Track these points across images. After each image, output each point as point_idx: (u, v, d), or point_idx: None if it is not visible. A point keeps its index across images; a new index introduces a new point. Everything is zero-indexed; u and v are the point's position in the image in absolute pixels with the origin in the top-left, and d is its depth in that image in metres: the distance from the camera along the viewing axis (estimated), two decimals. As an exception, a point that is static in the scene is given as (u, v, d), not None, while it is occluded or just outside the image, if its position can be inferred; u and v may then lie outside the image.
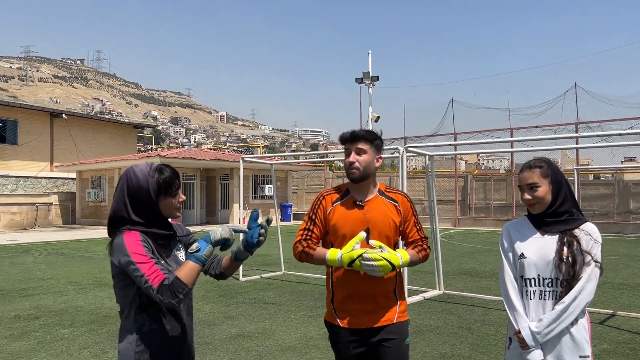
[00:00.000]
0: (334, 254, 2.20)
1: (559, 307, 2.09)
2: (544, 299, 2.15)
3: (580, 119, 21.07)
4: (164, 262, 1.89)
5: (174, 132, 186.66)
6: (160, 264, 1.84)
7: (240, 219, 9.74)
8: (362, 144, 2.32)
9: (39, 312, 6.42)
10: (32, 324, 5.85)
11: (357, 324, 2.27)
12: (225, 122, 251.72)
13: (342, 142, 2.38)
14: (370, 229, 2.26)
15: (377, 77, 17.63)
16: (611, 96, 21.49)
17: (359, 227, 2.25)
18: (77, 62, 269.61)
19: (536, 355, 2.10)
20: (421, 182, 26.00)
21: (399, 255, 2.18)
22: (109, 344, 4.99)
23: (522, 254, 2.19)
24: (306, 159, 31.72)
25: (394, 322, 2.29)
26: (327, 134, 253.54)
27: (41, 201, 23.96)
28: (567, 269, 2.11)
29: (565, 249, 2.12)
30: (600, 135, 8.41)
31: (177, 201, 1.97)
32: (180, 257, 1.99)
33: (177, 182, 1.97)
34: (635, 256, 12.32)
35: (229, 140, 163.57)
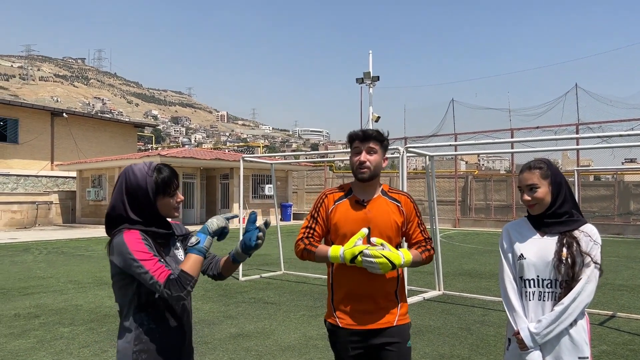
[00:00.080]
0: (336, 250, 2.20)
1: (558, 308, 2.09)
2: (543, 300, 2.15)
3: (580, 120, 21.06)
4: (164, 260, 1.90)
5: (175, 131, 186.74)
6: (163, 260, 1.84)
7: (240, 219, 9.76)
8: (373, 144, 2.31)
9: (39, 311, 6.42)
10: (32, 322, 5.86)
11: (357, 325, 2.26)
12: (225, 121, 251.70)
13: (352, 140, 2.36)
14: (371, 229, 2.25)
15: (378, 77, 17.61)
16: (612, 97, 21.48)
17: (360, 227, 2.24)
18: (78, 61, 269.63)
19: (535, 356, 2.10)
20: (421, 183, 25.99)
21: (401, 254, 2.17)
22: (109, 343, 4.99)
23: (521, 254, 2.19)
24: (306, 158, 31.72)
25: (395, 324, 2.27)
26: (327, 134, 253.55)
27: (41, 200, 23.97)
28: (567, 270, 2.11)
29: (564, 250, 2.12)
30: (600, 136, 8.41)
31: (175, 201, 1.97)
32: (179, 256, 1.99)
33: (176, 182, 1.97)
34: (635, 257, 12.32)
35: (229, 139, 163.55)
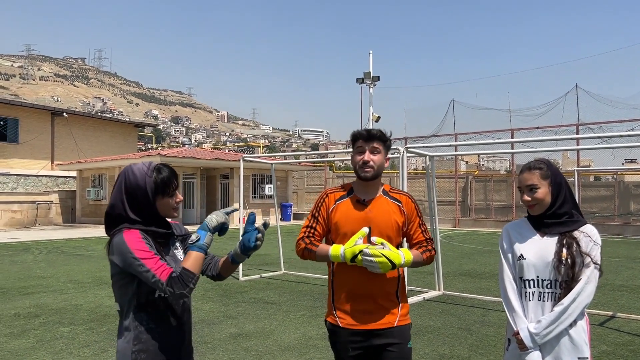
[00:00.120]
0: (337, 249, 2.21)
1: (557, 309, 2.09)
2: (543, 301, 2.15)
3: (581, 121, 21.06)
4: (164, 259, 1.90)
5: (175, 131, 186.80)
6: (164, 259, 1.85)
7: (240, 218, 9.76)
8: (377, 144, 2.31)
9: (39, 311, 6.42)
10: (32, 322, 5.86)
11: (357, 325, 2.25)
12: (225, 121, 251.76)
13: (355, 139, 2.36)
14: (371, 228, 2.25)
15: (378, 77, 17.61)
16: (612, 97, 21.47)
17: (361, 226, 2.24)
18: (79, 60, 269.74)
19: (534, 356, 2.10)
20: (421, 183, 25.99)
21: (402, 254, 2.17)
22: (109, 343, 4.99)
23: (521, 255, 2.19)
24: (306, 158, 31.72)
25: (395, 325, 2.27)
26: (327, 134, 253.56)
27: (42, 199, 23.97)
28: (566, 271, 2.10)
29: (564, 251, 2.12)
30: (601, 136, 8.41)
31: (174, 201, 1.97)
32: (178, 256, 1.99)
33: (175, 183, 1.97)
34: (635, 258, 12.31)
35: (229, 139, 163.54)
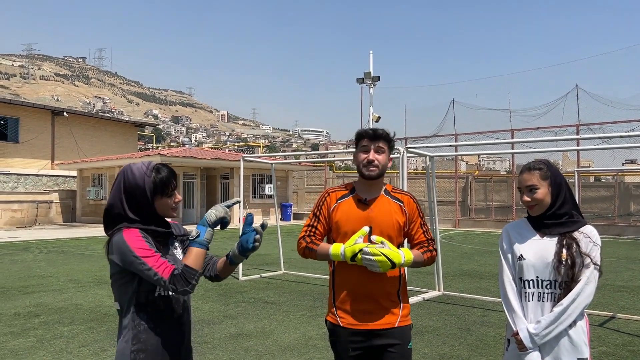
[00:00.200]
0: (337, 248, 2.21)
1: (557, 309, 2.09)
2: (543, 301, 2.15)
3: (581, 121, 21.05)
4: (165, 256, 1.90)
5: (175, 130, 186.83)
6: (165, 257, 1.85)
7: (240, 218, 9.77)
8: (382, 143, 2.32)
9: (39, 310, 6.42)
10: (31, 321, 5.86)
11: (358, 325, 2.25)
12: (226, 121, 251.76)
13: (360, 138, 2.35)
14: (372, 228, 2.25)
15: (378, 77, 17.61)
16: (612, 98, 21.51)
17: (362, 225, 2.24)
18: (79, 60, 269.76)
19: (534, 357, 2.10)
20: (421, 183, 25.99)
21: (402, 253, 2.17)
22: (108, 342, 4.99)
23: (521, 255, 2.19)
24: (307, 158, 31.71)
25: (396, 325, 2.26)
26: (327, 134, 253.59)
27: (42, 199, 23.98)
28: (566, 271, 2.10)
29: (564, 251, 2.12)
30: (601, 137, 8.41)
31: (173, 201, 1.97)
32: (178, 256, 1.99)
33: (174, 183, 1.97)
34: (635, 259, 12.31)
35: (229, 139, 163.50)
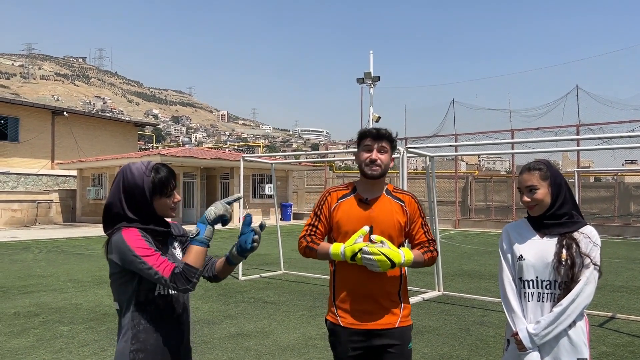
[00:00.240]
0: (337, 247, 2.21)
1: (556, 310, 2.09)
2: (542, 301, 2.15)
3: (581, 121, 21.05)
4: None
5: (175, 130, 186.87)
6: (164, 255, 1.85)
7: (240, 217, 9.76)
8: (385, 143, 2.32)
9: (39, 310, 6.42)
10: (31, 321, 5.86)
11: (358, 324, 2.24)
12: (226, 121, 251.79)
13: (363, 137, 2.34)
14: (373, 228, 2.24)
15: (379, 77, 17.62)
16: (613, 98, 21.48)
17: (362, 225, 2.24)
18: (79, 60, 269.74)
19: (533, 357, 2.10)
20: (421, 183, 26.00)
21: (402, 253, 2.16)
22: (108, 342, 4.99)
23: (520, 255, 2.19)
24: (307, 158, 31.71)
25: (397, 326, 2.26)
26: (328, 134, 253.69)
27: (42, 198, 23.98)
28: (566, 272, 2.10)
29: (564, 252, 2.12)
30: (601, 137, 8.40)
31: (171, 201, 1.97)
32: (177, 255, 1.99)
33: (173, 183, 1.96)
34: (635, 259, 12.31)
35: (229, 139, 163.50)
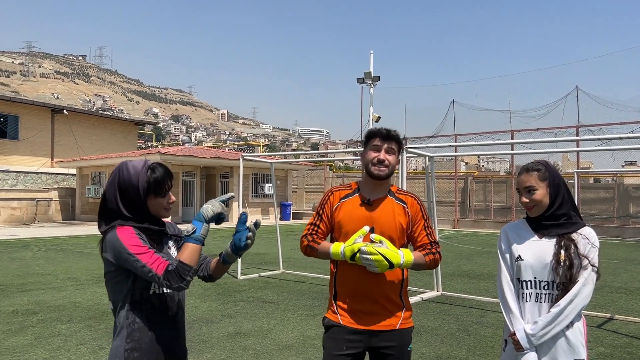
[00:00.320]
0: (338, 247, 2.20)
1: (554, 310, 2.09)
2: (540, 302, 2.15)
3: (581, 122, 21.07)
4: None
5: (175, 129, 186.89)
6: (159, 253, 1.84)
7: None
8: (394, 145, 2.31)
9: (37, 308, 6.42)
10: (30, 319, 5.86)
11: (358, 324, 2.23)
12: (226, 120, 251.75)
13: (371, 136, 2.32)
14: (374, 229, 2.23)
15: (379, 77, 17.62)
16: (613, 99, 21.59)
17: (363, 225, 2.22)
18: (79, 58, 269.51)
19: (530, 357, 2.10)
20: (421, 183, 26.02)
21: (401, 253, 2.14)
22: (106, 340, 4.99)
23: (519, 256, 2.19)
24: (306, 158, 31.72)
25: (397, 328, 2.24)
26: (327, 133, 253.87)
27: (41, 197, 23.98)
28: (564, 272, 2.11)
29: (562, 252, 2.12)
30: (601, 138, 8.42)
31: (166, 202, 1.96)
32: (172, 254, 1.99)
33: (169, 183, 1.95)
34: (634, 260, 12.32)
35: (229, 138, 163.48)
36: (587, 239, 2.15)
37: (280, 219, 24.57)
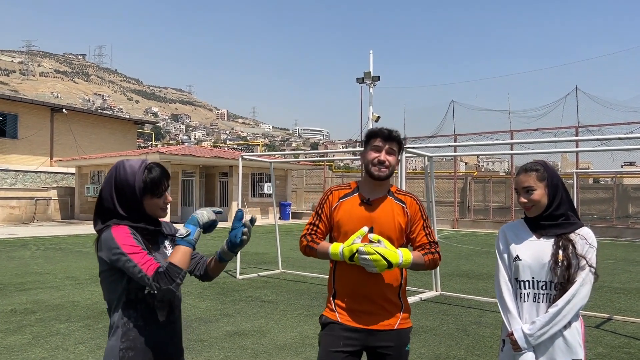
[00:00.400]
0: (336, 247, 2.19)
1: (552, 310, 2.09)
2: (538, 302, 2.15)
3: (580, 123, 21.08)
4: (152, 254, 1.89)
5: (174, 128, 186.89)
6: (152, 254, 1.84)
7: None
8: (395, 145, 2.30)
9: (36, 307, 6.41)
10: (28, 318, 5.85)
11: (355, 322, 2.23)
12: (225, 119, 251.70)
13: (373, 136, 2.31)
14: (373, 229, 2.22)
15: (378, 77, 17.64)
16: (612, 100, 21.54)
17: (362, 225, 2.22)
18: (79, 57, 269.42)
19: (528, 357, 2.10)
20: (420, 183, 26.02)
21: (400, 253, 2.13)
22: (104, 340, 4.99)
23: (517, 256, 2.20)
24: (306, 158, 31.72)
25: (395, 328, 2.24)
26: (327, 133, 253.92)
27: (40, 196, 23.96)
28: (562, 273, 2.11)
29: (560, 253, 2.12)
30: (600, 139, 8.41)
31: (163, 202, 1.96)
32: (168, 253, 1.98)
33: (165, 183, 1.95)
34: (632, 260, 12.33)
35: (229, 137, 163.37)
36: (585, 240, 2.15)
37: (279, 219, 24.58)
